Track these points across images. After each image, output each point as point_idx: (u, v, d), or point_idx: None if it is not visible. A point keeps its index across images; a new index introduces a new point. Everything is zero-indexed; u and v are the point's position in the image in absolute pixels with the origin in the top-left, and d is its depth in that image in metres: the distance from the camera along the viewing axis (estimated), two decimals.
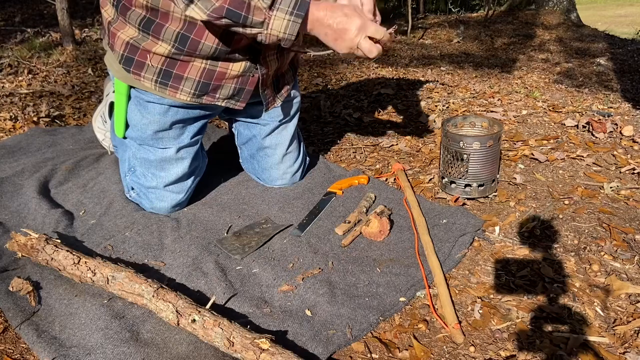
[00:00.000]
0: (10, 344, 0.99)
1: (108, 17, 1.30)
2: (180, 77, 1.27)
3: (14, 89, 2.59)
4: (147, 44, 1.23)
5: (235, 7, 1.02)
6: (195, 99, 1.30)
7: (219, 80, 1.29)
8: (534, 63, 3.24)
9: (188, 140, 1.39)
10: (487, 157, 1.42)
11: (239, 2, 1.01)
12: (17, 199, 1.49)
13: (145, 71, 1.26)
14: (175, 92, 1.28)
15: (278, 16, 1.03)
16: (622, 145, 1.79)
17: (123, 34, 1.26)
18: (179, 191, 1.42)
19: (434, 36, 4.16)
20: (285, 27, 1.04)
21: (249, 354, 0.87)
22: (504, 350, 0.96)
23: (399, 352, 0.96)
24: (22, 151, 1.83)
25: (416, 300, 1.09)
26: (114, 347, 0.95)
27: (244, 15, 1.03)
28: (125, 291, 1.03)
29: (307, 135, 2.03)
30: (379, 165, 1.74)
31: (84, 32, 3.92)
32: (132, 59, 1.26)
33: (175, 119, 1.34)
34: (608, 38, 3.96)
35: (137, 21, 1.22)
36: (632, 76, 2.90)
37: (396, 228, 1.35)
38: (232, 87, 1.32)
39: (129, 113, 1.37)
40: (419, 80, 2.78)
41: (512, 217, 1.38)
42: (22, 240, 1.17)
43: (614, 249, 1.23)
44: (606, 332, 0.99)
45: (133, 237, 1.31)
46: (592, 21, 5.54)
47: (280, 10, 1.02)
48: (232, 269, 1.19)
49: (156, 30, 1.21)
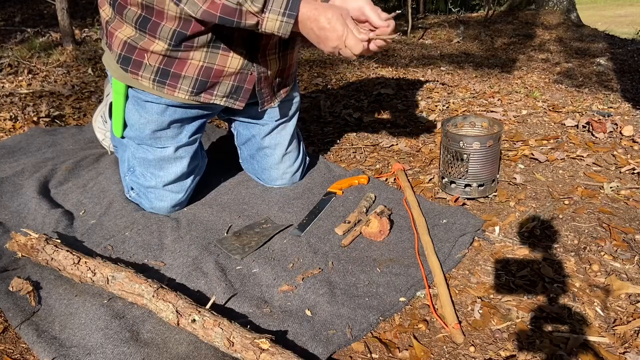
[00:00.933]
0: (10, 344, 0.99)
1: (106, 17, 1.30)
2: (178, 76, 1.27)
3: (14, 89, 2.59)
4: (145, 42, 1.23)
5: (227, 14, 1.04)
6: (194, 97, 1.30)
7: (217, 78, 1.29)
8: (534, 63, 3.24)
9: (186, 140, 1.39)
10: (487, 157, 1.42)
11: (230, 9, 1.04)
12: (17, 199, 1.49)
13: (143, 70, 1.26)
14: (173, 91, 1.28)
15: (271, 18, 1.05)
16: (622, 145, 1.79)
17: (120, 33, 1.26)
18: (178, 191, 1.42)
19: (434, 36, 4.16)
20: (278, 27, 1.06)
21: (249, 354, 0.87)
22: (504, 350, 0.96)
23: (399, 352, 0.96)
24: (22, 151, 1.83)
25: (416, 300, 1.09)
26: (114, 347, 0.95)
27: (237, 20, 1.05)
28: (125, 291, 1.03)
29: (307, 135, 2.03)
30: (379, 165, 1.74)
31: (84, 32, 3.92)
32: (130, 59, 1.26)
33: (173, 118, 1.34)
34: (608, 38, 3.96)
35: (134, 20, 1.23)
36: (632, 76, 2.90)
37: (396, 228, 1.35)
38: (230, 85, 1.32)
39: (127, 113, 1.37)
40: (419, 80, 2.78)
41: (512, 217, 1.38)
42: (22, 240, 1.17)
43: (614, 249, 1.23)
44: (606, 332, 0.99)
45: (133, 237, 1.31)
46: (592, 21, 5.55)
47: (272, 12, 1.04)
48: (232, 269, 1.19)
49: (152, 29, 1.21)
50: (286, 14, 1.04)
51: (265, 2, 1.03)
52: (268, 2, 1.03)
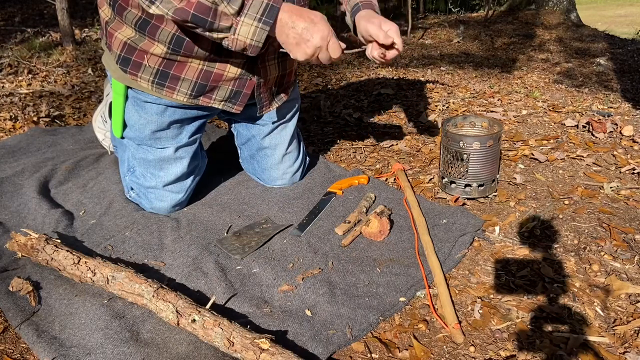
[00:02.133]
0: (10, 344, 0.99)
1: (105, 17, 1.30)
2: (177, 78, 1.26)
3: (14, 89, 2.59)
4: (144, 44, 1.23)
5: (201, 13, 1.00)
6: (192, 99, 1.30)
7: (216, 82, 1.29)
8: (534, 63, 3.24)
9: (186, 140, 1.39)
10: (487, 157, 1.42)
11: (205, 7, 0.99)
12: (17, 199, 1.49)
13: (142, 72, 1.26)
14: (171, 93, 1.28)
15: (246, 22, 1.01)
16: (622, 145, 1.79)
17: (120, 34, 1.26)
18: (178, 191, 1.42)
19: (434, 36, 4.16)
20: (253, 33, 1.02)
21: (249, 354, 0.87)
22: (504, 350, 0.96)
23: (399, 352, 0.96)
24: (22, 151, 1.83)
25: (416, 300, 1.09)
26: (114, 347, 0.95)
27: (210, 20, 1.01)
28: (125, 291, 1.03)
29: (307, 135, 2.03)
30: (379, 165, 1.74)
31: (84, 32, 3.92)
32: (130, 59, 1.26)
33: (172, 118, 1.34)
34: (608, 38, 3.96)
35: (133, 21, 1.22)
36: (632, 76, 2.89)
37: (396, 228, 1.35)
38: (228, 89, 1.32)
39: (127, 113, 1.37)
40: (419, 80, 2.78)
41: (512, 217, 1.38)
42: (22, 240, 1.17)
43: (614, 249, 1.23)
44: (606, 332, 0.99)
45: (133, 237, 1.31)
46: (592, 21, 5.54)
47: (248, 16, 1.01)
48: (232, 269, 1.19)
49: (151, 32, 1.21)
50: (262, 20, 1.01)
51: (243, 5, 1.00)
52: (245, 5, 1.00)
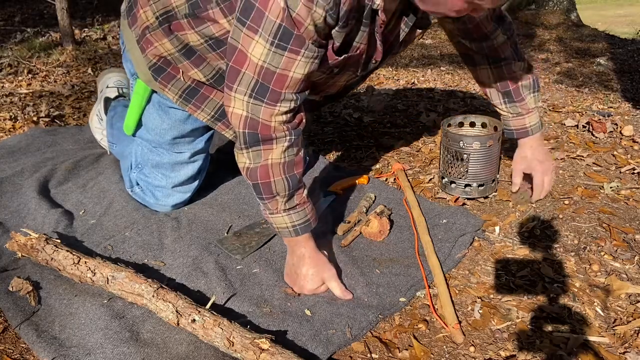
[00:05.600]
0: (10, 344, 0.99)
1: (146, 21, 1.21)
2: (205, 97, 1.25)
3: (14, 89, 2.59)
4: (183, 66, 1.20)
5: (263, 189, 1.04)
6: (212, 121, 1.29)
7: None
8: (534, 63, 3.24)
9: (202, 145, 1.40)
10: (487, 157, 1.42)
11: (268, 188, 1.04)
12: (17, 199, 1.49)
13: (172, 84, 1.23)
14: (195, 111, 1.27)
15: (284, 219, 1.07)
16: (622, 145, 1.79)
17: (160, 46, 1.20)
18: (185, 191, 1.43)
19: (434, 36, 4.16)
20: (283, 229, 1.08)
21: (249, 354, 0.87)
22: (504, 350, 0.96)
23: (399, 352, 0.96)
24: (22, 151, 1.83)
25: (416, 300, 1.09)
26: (114, 347, 0.95)
27: (265, 197, 1.06)
28: (125, 291, 1.03)
29: (307, 135, 2.03)
30: (379, 165, 1.74)
31: (83, 32, 3.91)
32: (164, 70, 1.22)
33: (194, 126, 1.35)
34: (608, 38, 3.95)
35: (178, 47, 1.18)
36: (632, 76, 2.89)
37: (396, 228, 1.34)
38: None
39: (147, 115, 1.36)
40: (419, 80, 2.78)
41: (512, 217, 1.38)
42: (22, 240, 1.17)
43: (614, 249, 1.23)
44: (606, 332, 0.99)
45: (133, 237, 1.31)
46: (592, 21, 5.54)
47: (289, 216, 1.06)
48: (232, 269, 1.19)
49: (195, 62, 1.18)
50: (295, 229, 1.08)
51: (291, 209, 1.06)
52: (295, 208, 1.06)
